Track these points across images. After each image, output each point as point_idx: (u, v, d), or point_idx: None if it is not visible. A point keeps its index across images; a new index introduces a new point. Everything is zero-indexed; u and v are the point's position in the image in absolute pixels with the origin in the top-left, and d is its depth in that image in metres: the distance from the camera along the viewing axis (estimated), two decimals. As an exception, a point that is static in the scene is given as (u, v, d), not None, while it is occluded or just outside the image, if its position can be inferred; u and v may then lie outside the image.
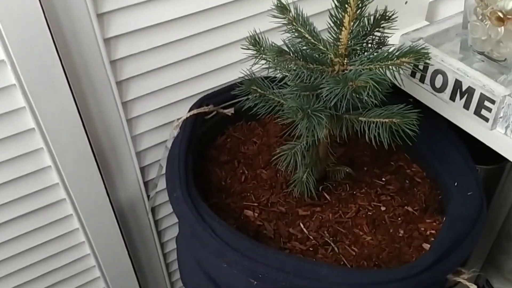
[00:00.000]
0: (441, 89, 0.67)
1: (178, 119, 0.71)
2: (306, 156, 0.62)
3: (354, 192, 0.69)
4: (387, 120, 0.54)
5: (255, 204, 0.66)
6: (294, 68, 0.53)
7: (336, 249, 0.61)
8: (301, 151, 0.61)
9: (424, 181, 0.72)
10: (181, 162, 0.63)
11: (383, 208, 0.67)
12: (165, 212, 0.87)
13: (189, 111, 0.71)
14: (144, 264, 0.91)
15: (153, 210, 0.86)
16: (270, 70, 0.56)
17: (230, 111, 0.76)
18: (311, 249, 0.61)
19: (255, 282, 0.53)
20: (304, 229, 0.63)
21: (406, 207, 0.67)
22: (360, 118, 0.56)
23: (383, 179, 0.72)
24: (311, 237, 0.62)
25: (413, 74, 0.70)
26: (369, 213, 0.66)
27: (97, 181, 0.71)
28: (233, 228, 0.54)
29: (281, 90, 0.58)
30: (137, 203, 0.82)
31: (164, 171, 0.73)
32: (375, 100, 0.50)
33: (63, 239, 0.76)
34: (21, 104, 0.60)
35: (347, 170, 0.67)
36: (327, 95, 0.51)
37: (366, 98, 0.49)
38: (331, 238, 0.62)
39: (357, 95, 0.50)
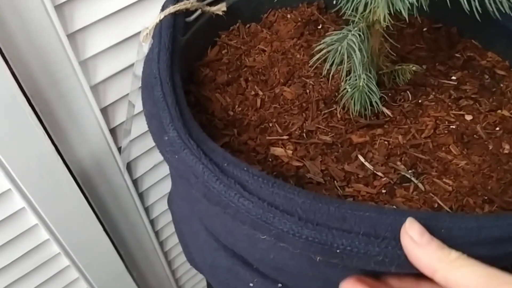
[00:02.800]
0: None
1: (146, 27, 0.46)
2: (363, 50, 0.39)
3: (420, 101, 0.48)
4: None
5: (285, 137, 0.44)
6: None
7: (421, 186, 0.40)
8: (358, 41, 0.38)
9: (510, 73, 0.51)
10: (165, 85, 0.39)
11: (469, 117, 0.46)
12: (146, 166, 0.64)
13: (162, 10, 0.46)
14: (130, 242, 0.69)
15: (128, 167, 0.62)
16: None
17: (221, 7, 0.51)
18: (383, 191, 0.40)
19: (318, 258, 0.32)
20: (367, 163, 0.42)
21: (499, 110, 0.46)
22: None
23: (453, 77, 0.51)
24: (379, 173, 0.41)
25: None
26: (452, 126, 0.45)
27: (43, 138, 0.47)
28: (278, 180, 0.32)
29: None
30: (105, 160, 0.58)
31: (138, 109, 0.49)
32: None
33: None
34: None
35: (413, 68, 0.45)
36: None
37: None
38: (409, 171, 0.41)
39: None
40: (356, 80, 0.40)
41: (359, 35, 0.39)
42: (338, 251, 0.29)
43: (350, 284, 0.31)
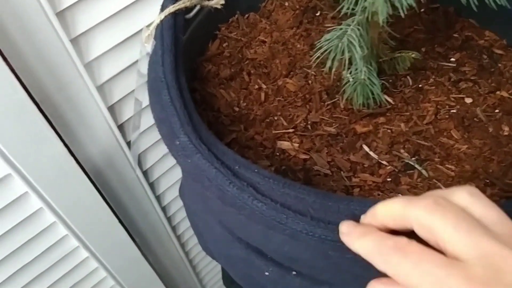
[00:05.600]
0: None
1: (147, 26, 0.47)
2: (363, 45, 0.40)
3: (421, 86, 0.49)
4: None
5: (290, 130, 0.45)
6: None
7: (425, 172, 0.42)
8: (357, 36, 0.39)
9: (508, 52, 0.51)
10: (172, 89, 0.40)
11: (468, 100, 0.47)
12: (155, 157, 0.66)
13: (162, 10, 0.47)
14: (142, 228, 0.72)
15: (138, 159, 0.64)
16: None
17: (219, 1, 0.51)
18: (388, 179, 0.42)
19: (332, 253, 0.34)
20: (371, 153, 0.43)
21: (498, 92, 0.48)
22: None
23: (452, 59, 0.51)
24: (384, 162, 0.43)
25: None
26: (452, 111, 0.46)
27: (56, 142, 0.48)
28: (290, 181, 0.34)
29: None
30: (115, 155, 0.60)
31: (144, 104, 0.50)
32: None
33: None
34: None
35: (413, 55, 0.46)
36: None
37: None
38: (413, 158, 0.43)
39: None
40: (357, 73, 0.41)
41: (358, 29, 0.39)
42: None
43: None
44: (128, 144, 0.60)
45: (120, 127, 0.58)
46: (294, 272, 0.42)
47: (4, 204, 0.49)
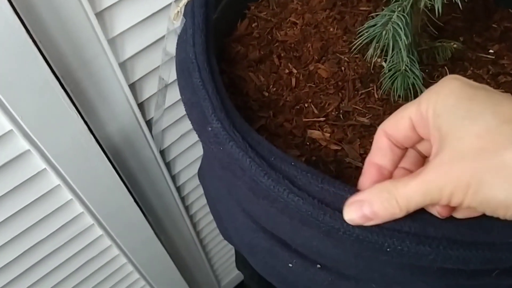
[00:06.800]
0: None
1: (176, 1, 0.45)
2: (408, 33, 0.38)
3: (458, 77, 0.46)
4: None
5: (321, 119, 0.44)
6: None
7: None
8: (403, 24, 0.36)
9: (550, 46, 0.49)
10: (203, 72, 0.38)
11: (508, 96, 0.45)
12: (173, 137, 0.64)
13: (193, -14, 0.44)
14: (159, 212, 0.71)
15: (156, 139, 0.63)
16: None
17: (251, -21, 0.49)
18: (422, 175, 0.40)
19: (366, 253, 0.33)
20: (405, 146, 0.42)
21: (540, 89, 0.46)
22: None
23: (490, 50, 0.49)
24: (418, 156, 0.41)
25: None
26: (491, 106, 0.44)
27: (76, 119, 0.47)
28: (328, 176, 0.32)
29: None
30: (134, 134, 0.58)
31: (168, 83, 0.48)
32: None
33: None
34: None
35: (455, 45, 0.44)
36: None
37: None
38: (449, 154, 0.41)
39: None
40: (396, 63, 0.39)
41: (404, 17, 0.37)
42: (388, 249, 0.30)
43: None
44: (147, 123, 0.58)
45: (140, 106, 0.56)
46: (318, 265, 0.41)
47: (23, 180, 0.48)
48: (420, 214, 0.30)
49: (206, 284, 1.01)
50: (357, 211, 0.29)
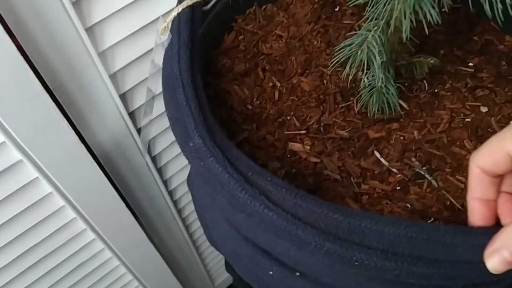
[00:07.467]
0: None
1: (164, 17, 0.46)
2: (383, 53, 0.39)
3: (436, 91, 0.48)
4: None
5: (303, 131, 0.45)
6: None
7: (434, 183, 0.42)
8: (378, 43, 0.38)
9: (528, 59, 0.51)
10: (187, 88, 0.40)
11: (484, 109, 0.47)
12: (164, 143, 0.66)
13: (179, 2, 0.46)
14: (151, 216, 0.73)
15: (148, 145, 0.64)
16: None
17: (237, -7, 0.50)
18: (398, 188, 0.42)
19: (338, 265, 0.34)
20: (382, 159, 0.43)
21: (515, 102, 0.47)
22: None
23: (470, 64, 0.51)
24: (394, 169, 0.43)
25: None
26: (467, 119, 0.46)
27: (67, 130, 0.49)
28: (302, 191, 0.34)
29: None
30: (125, 141, 0.60)
31: (156, 93, 0.50)
32: None
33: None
34: None
35: (432, 61, 0.45)
36: None
37: None
38: (424, 167, 0.43)
39: None
40: (374, 80, 0.40)
41: (379, 36, 0.39)
42: (356, 263, 0.32)
43: None
44: (138, 131, 0.60)
45: (131, 115, 0.58)
46: (298, 273, 0.43)
47: (16, 189, 0.49)
48: (390, 230, 0.32)
49: (200, 284, 1.03)
50: (499, 259, 0.29)
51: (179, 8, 0.45)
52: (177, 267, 0.90)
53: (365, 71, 0.42)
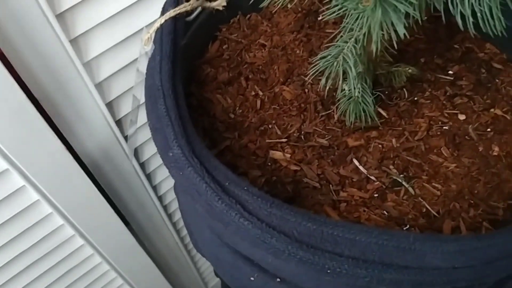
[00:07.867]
0: None
1: (148, 27, 0.47)
2: (358, 61, 0.40)
3: (416, 99, 0.49)
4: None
5: (284, 140, 0.46)
6: None
7: (411, 190, 0.43)
8: (353, 55, 0.39)
9: (507, 67, 0.51)
10: (168, 99, 0.41)
11: (462, 117, 0.47)
12: (152, 150, 0.67)
13: (162, 13, 0.47)
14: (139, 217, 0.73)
15: (135, 152, 0.65)
16: None
17: (221, 2, 0.51)
18: (375, 195, 0.43)
19: (313, 273, 0.35)
20: (361, 167, 0.44)
21: (492, 109, 0.48)
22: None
23: (450, 72, 0.52)
24: (372, 177, 0.44)
25: None
26: (444, 127, 0.47)
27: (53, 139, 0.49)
28: (278, 200, 0.35)
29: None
30: (113, 149, 0.61)
31: (142, 101, 0.51)
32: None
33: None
34: None
35: (410, 70, 0.46)
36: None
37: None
38: (401, 175, 0.44)
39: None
40: (351, 90, 0.41)
41: (354, 47, 0.40)
42: (328, 271, 0.33)
43: None
44: (125, 138, 0.61)
45: (118, 123, 0.59)
46: (278, 279, 0.44)
47: (3, 197, 0.50)
48: (362, 239, 0.33)
49: (193, 287, 1.04)
50: None
51: (162, 20, 0.46)
52: (170, 271, 0.90)
53: (343, 80, 0.43)
